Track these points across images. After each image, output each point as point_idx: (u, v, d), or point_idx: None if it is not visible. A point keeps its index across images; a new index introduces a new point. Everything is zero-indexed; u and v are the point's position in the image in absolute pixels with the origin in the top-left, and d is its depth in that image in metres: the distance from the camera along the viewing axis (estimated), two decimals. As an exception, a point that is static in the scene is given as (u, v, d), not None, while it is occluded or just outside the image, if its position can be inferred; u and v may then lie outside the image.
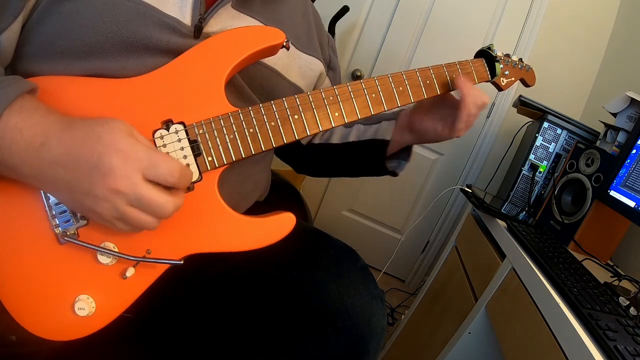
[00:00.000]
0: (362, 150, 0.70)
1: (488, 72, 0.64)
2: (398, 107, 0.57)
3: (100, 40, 0.46)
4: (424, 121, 0.64)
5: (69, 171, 0.38)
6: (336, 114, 0.53)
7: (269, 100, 0.50)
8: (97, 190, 0.38)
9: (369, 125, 0.71)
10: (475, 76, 0.62)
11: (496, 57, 0.64)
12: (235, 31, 0.50)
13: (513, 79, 0.67)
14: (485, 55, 0.64)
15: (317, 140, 0.74)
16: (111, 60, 0.47)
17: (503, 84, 0.66)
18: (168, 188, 0.41)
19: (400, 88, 0.56)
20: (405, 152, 0.71)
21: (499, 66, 0.64)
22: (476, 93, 0.58)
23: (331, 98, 0.53)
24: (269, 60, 0.57)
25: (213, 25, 0.52)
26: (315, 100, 0.52)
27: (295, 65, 0.63)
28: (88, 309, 0.44)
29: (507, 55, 0.66)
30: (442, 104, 0.62)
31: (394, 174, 0.72)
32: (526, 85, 0.72)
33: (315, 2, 1.35)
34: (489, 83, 0.66)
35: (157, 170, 0.39)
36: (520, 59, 0.69)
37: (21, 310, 0.43)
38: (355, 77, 1.88)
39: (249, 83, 0.57)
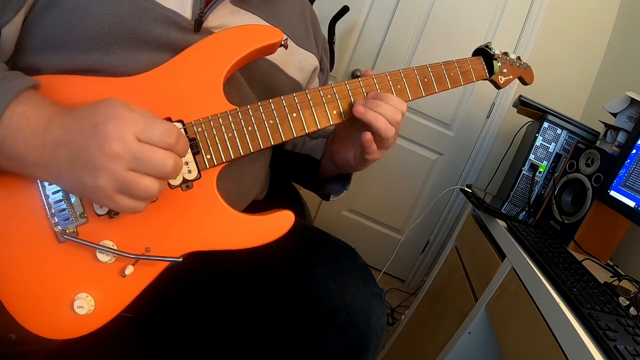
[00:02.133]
0: (300, 163, 0.71)
1: (486, 70, 0.64)
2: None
3: (102, 34, 0.46)
4: (338, 153, 0.61)
5: (69, 148, 0.38)
6: (334, 112, 0.53)
7: (268, 94, 0.51)
8: (95, 160, 0.37)
9: (313, 138, 0.72)
10: (474, 74, 0.62)
11: (494, 55, 0.64)
12: (234, 30, 0.50)
13: (511, 77, 0.67)
14: (483, 53, 0.64)
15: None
16: (112, 53, 0.47)
17: (501, 82, 0.66)
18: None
19: (399, 86, 0.56)
20: (345, 178, 0.71)
21: (497, 64, 0.64)
22: (367, 116, 0.51)
23: (329, 96, 0.53)
24: (268, 55, 0.57)
25: (212, 20, 0.53)
26: (314, 99, 0.52)
27: (295, 60, 0.63)
28: (87, 308, 0.44)
29: (505, 54, 0.66)
30: (353, 128, 0.56)
31: (327, 197, 0.73)
32: (524, 83, 0.72)
33: (315, 2, 1.35)
34: (487, 81, 0.66)
35: (152, 131, 0.38)
36: (519, 57, 0.69)
37: (20, 308, 0.43)
38: (355, 77, 1.88)
39: (248, 77, 0.57)
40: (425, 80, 0.58)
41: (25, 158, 0.39)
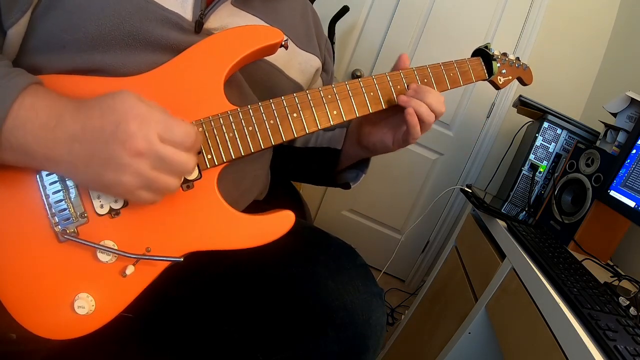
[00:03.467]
0: (316, 158, 0.71)
1: (485, 71, 0.64)
2: (396, 104, 0.57)
3: (103, 34, 0.46)
4: (371, 135, 0.62)
5: (87, 145, 0.38)
6: (334, 112, 0.53)
7: (269, 96, 0.51)
8: (119, 159, 0.38)
9: (327, 131, 0.72)
10: (473, 75, 0.63)
11: (493, 55, 0.64)
12: (234, 30, 0.50)
13: (510, 77, 0.68)
14: (483, 54, 0.65)
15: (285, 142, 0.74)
16: (112, 54, 0.47)
17: (500, 82, 0.67)
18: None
19: (399, 87, 0.57)
20: (363, 163, 0.71)
21: (496, 65, 0.64)
22: (429, 105, 0.55)
23: (329, 96, 0.53)
24: (269, 57, 0.58)
25: (213, 21, 0.53)
26: (314, 99, 0.52)
27: (296, 62, 0.63)
28: (87, 308, 0.44)
29: (504, 54, 0.66)
30: (391, 113, 0.59)
31: (346, 186, 0.73)
32: (523, 84, 0.72)
33: (315, 2, 1.35)
34: (486, 82, 0.67)
35: (173, 133, 0.40)
36: (517, 58, 0.69)
37: (20, 309, 0.43)
38: (355, 77, 1.88)
39: (249, 79, 0.57)
40: (425, 80, 0.58)
41: (35, 152, 0.38)
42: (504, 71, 0.66)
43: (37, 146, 0.38)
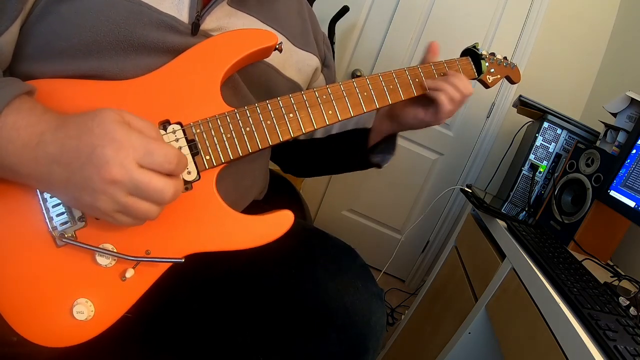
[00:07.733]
0: (345, 141, 0.71)
1: (474, 70, 0.66)
2: (389, 104, 0.58)
3: (98, 40, 0.46)
4: (405, 107, 0.64)
5: (65, 168, 0.37)
6: (330, 112, 0.54)
7: (266, 96, 0.51)
8: (93, 184, 0.37)
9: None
10: (462, 74, 0.64)
11: (481, 55, 0.66)
12: (230, 34, 0.50)
13: (499, 76, 0.70)
14: (471, 53, 0.67)
15: (301, 137, 0.73)
16: (109, 59, 0.47)
17: (489, 81, 0.69)
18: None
19: (391, 86, 0.58)
20: (389, 147, 0.71)
21: (484, 64, 0.66)
22: (454, 86, 0.60)
23: (324, 97, 0.54)
24: (264, 59, 0.57)
25: (209, 22, 0.53)
26: (309, 99, 0.53)
27: (292, 61, 0.63)
28: (87, 313, 0.43)
29: (492, 54, 0.68)
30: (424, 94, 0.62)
31: (378, 166, 0.73)
32: (512, 82, 0.74)
33: (315, 2, 1.35)
34: (476, 81, 0.68)
35: (152, 158, 0.38)
36: (505, 57, 0.71)
37: (18, 316, 0.42)
38: (355, 76, 1.88)
39: (245, 80, 0.57)
40: (417, 80, 0.60)
41: (19, 170, 0.38)
42: (492, 70, 0.68)
43: (20, 165, 0.38)
